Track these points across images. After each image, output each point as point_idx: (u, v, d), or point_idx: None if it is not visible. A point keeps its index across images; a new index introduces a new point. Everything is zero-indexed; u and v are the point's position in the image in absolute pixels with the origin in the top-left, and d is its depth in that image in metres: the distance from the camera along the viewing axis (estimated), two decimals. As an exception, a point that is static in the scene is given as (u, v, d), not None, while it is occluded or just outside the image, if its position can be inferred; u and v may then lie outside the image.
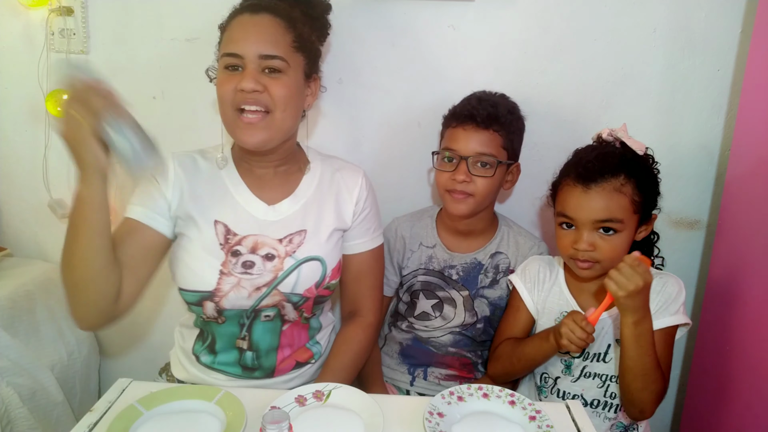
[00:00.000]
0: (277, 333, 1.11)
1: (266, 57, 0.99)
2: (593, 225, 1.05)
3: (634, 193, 1.05)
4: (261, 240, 1.06)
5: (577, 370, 1.13)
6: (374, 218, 1.21)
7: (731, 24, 1.31)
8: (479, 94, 1.26)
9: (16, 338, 1.32)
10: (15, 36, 1.42)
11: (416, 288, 1.33)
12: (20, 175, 1.52)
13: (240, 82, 0.98)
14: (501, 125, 1.19)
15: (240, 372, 1.11)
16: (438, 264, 1.31)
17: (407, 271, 1.34)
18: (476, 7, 1.34)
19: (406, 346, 1.36)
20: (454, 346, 1.32)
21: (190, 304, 1.08)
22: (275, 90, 1.00)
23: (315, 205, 1.12)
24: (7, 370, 1.27)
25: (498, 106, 1.21)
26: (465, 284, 1.29)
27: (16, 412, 1.26)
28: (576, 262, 1.08)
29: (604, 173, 1.04)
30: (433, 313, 1.32)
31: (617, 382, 1.09)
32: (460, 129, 1.20)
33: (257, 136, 1.01)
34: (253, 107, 0.99)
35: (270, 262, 1.06)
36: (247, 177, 1.11)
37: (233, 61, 1.00)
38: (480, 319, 1.29)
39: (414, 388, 1.34)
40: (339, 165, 1.19)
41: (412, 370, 1.35)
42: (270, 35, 1.00)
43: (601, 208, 1.03)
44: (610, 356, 1.11)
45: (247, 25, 1.00)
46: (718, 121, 1.38)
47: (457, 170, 1.20)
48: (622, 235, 1.05)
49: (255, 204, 1.09)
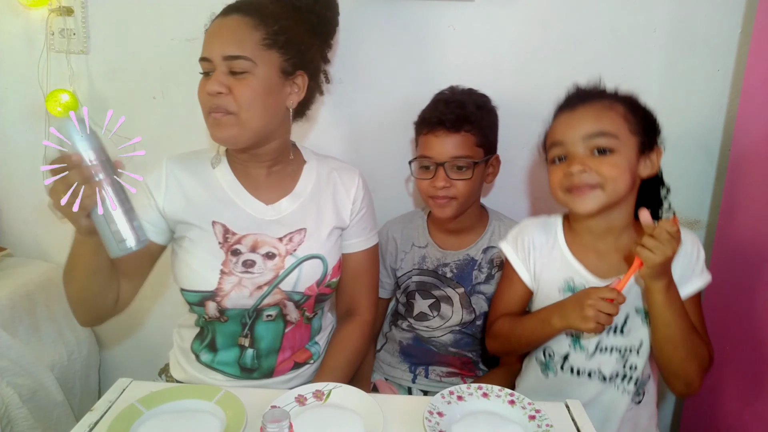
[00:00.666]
0: (279, 335, 1.11)
1: (230, 58, 0.97)
2: (585, 144, 0.94)
3: (626, 112, 0.95)
4: (261, 239, 1.07)
5: (592, 345, 1.02)
6: (370, 217, 1.21)
7: (731, 24, 1.31)
8: (446, 96, 1.24)
9: (16, 338, 1.32)
10: (15, 36, 1.42)
11: (412, 288, 1.34)
12: (20, 175, 1.52)
13: (208, 85, 0.99)
14: (472, 124, 1.18)
15: (238, 373, 1.11)
16: (431, 263, 1.32)
17: (401, 272, 1.35)
18: (476, 7, 1.34)
19: (407, 345, 1.36)
20: (455, 346, 1.32)
21: (191, 304, 1.08)
22: (239, 91, 0.98)
23: (313, 204, 1.12)
24: (7, 370, 1.27)
25: (465, 105, 1.19)
26: (460, 281, 1.30)
27: (16, 412, 1.26)
28: (572, 193, 0.95)
29: (591, 95, 0.98)
30: (430, 312, 1.32)
31: (638, 353, 1.01)
32: (432, 136, 1.20)
33: (224, 133, 1.00)
34: (219, 111, 0.99)
35: (271, 261, 1.06)
36: (243, 177, 1.11)
37: (204, 65, 1.01)
38: (479, 315, 1.30)
39: (416, 386, 1.34)
40: (335, 165, 1.19)
41: (414, 368, 1.36)
42: (234, 35, 0.98)
43: (591, 120, 0.94)
44: (629, 326, 1.00)
45: (215, 28, 1.01)
46: (718, 121, 1.38)
47: (435, 177, 1.19)
48: (620, 155, 0.93)
49: (252, 203, 1.09)
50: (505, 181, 1.34)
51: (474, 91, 1.26)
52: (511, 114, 1.39)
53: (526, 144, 1.42)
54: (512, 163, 1.37)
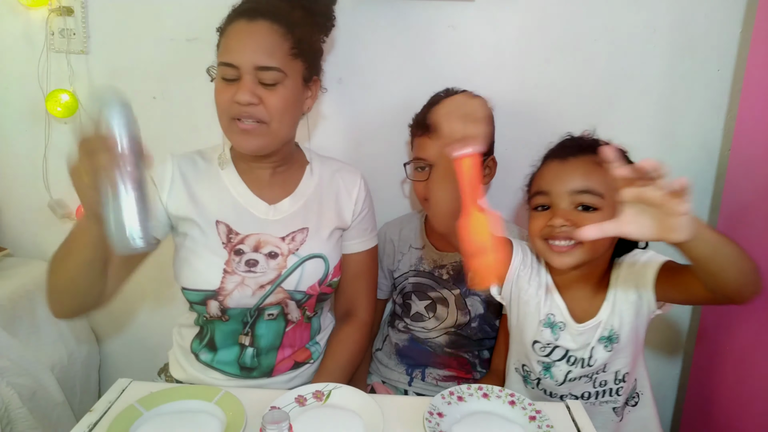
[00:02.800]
0: (280, 334, 1.11)
1: (262, 68, 0.96)
2: (570, 199, 0.94)
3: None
4: (264, 238, 1.07)
5: (561, 375, 1.03)
6: (371, 219, 1.22)
7: (731, 24, 1.31)
8: (441, 98, 1.22)
9: (16, 338, 1.32)
10: (15, 36, 1.42)
11: (408, 290, 1.34)
12: (20, 175, 1.51)
13: (236, 93, 0.96)
14: None
15: (238, 372, 1.11)
16: (428, 265, 1.32)
17: (399, 273, 1.35)
18: (476, 7, 1.34)
19: (403, 347, 1.36)
20: (451, 347, 1.32)
21: (193, 303, 1.08)
22: (271, 102, 0.98)
23: (315, 204, 1.13)
24: (7, 370, 1.27)
25: None
26: (455, 283, 1.30)
27: (16, 412, 1.26)
28: (551, 245, 0.95)
29: (582, 149, 0.97)
30: (426, 314, 1.32)
31: (605, 371, 1.02)
32: (426, 138, 1.19)
33: (253, 143, 1.01)
34: (249, 120, 0.99)
35: (273, 260, 1.06)
36: (247, 177, 1.11)
37: (229, 71, 0.98)
38: (474, 317, 1.29)
39: (412, 389, 1.34)
40: (338, 166, 1.19)
41: (410, 370, 1.35)
42: (267, 45, 0.97)
43: (579, 176, 0.93)
44: (594, 358, 1.01)
45: (243, 33, 0.98)
46: (718, 121, 1.38)
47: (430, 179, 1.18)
48: (603, 214, 0.91)
49: (255, 203, 1.09)
50: (505, 181, 1.34)
51: (470, 93, 1.24)
52: (510, 114, 1.39)
53: (525, 144, 1.41)
54: (512, 163, 1.37)
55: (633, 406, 1.09)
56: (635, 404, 1.09)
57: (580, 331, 1.00)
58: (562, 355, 1.03)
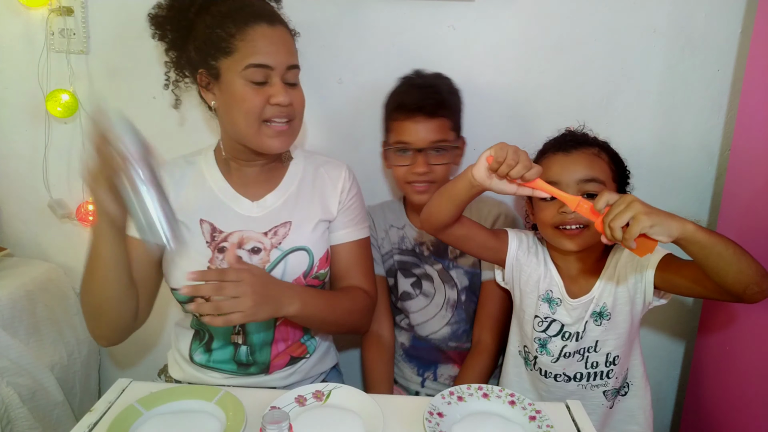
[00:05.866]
0: (271, 328, 1.12)
1: (292, 67, 1.05)
2: (577, 187, 1.03)
3: (609, 162, 1.07)
4: (246, 235, 1.09)
5: (556, 350, 1.10)
6: (360, 209, 1.22)
7: (731, 24, 1.31)
8: (418, 81, 1.26)
9: (16, 338, 1.32)
10: (15, 36, 1.42)
11: (394, 268, 1.36)
12: (20, 175, 1.51)
13: (273, 96, 1.02)
14: (447, 109, 1.21)
15: (235, 369, 1.12)
16: (409, 243, 1.34)
17: (383, 251, 1.37)
18: (476, 7, 1.34)
19: (409, 346, 1.37)
20: (453, 339, 1.33)
21: (182, 303, 1.10)
22: (297, 99, 1.07)
23: (300, 198, 1.14)
24: (7, 370, 1.27)
25: (441, 90, 1.22)
26: (437, 258, 1.31)
27: (16, 412, 1.26)
28: (563, 232, 1.04)
29: (582, 142, 1.08)
30: (413, 291, 1.33)
31: (596, 351, 1.09)
32: (410, 122, 1.20)
33: (285, 142, 1.07)
34: (283, 120, 1.04)
35: (256, 256, 1.08)
36: (231, 176, 1.13)
37: (260, 74, 1.01)
38: (461, 289, 1.30)
39: (425, 390, 1.35)
40: (322, 160, 1.21)
41: (422, 371, 1.36)
42: (289, 45, 1.06)
43: (584, 167, 1.04)
44: (586, 332, 1.08)
45: (272, 36, 1.03)
46: (718, 121, 1.38)
47: (416, 163, 1.20)
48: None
49: (239, 201, 1.12)
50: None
51: (441, 74, 1.28)
52: (510, 113, 1.39)
53: (525, 144, 1.40)
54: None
55: (623, 395, 1.15)
56: (625, 394, 1.15)
57: (575, 305, 1.08)
58: (558, 330, 1.10)
